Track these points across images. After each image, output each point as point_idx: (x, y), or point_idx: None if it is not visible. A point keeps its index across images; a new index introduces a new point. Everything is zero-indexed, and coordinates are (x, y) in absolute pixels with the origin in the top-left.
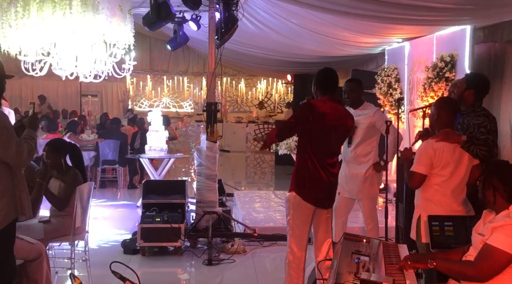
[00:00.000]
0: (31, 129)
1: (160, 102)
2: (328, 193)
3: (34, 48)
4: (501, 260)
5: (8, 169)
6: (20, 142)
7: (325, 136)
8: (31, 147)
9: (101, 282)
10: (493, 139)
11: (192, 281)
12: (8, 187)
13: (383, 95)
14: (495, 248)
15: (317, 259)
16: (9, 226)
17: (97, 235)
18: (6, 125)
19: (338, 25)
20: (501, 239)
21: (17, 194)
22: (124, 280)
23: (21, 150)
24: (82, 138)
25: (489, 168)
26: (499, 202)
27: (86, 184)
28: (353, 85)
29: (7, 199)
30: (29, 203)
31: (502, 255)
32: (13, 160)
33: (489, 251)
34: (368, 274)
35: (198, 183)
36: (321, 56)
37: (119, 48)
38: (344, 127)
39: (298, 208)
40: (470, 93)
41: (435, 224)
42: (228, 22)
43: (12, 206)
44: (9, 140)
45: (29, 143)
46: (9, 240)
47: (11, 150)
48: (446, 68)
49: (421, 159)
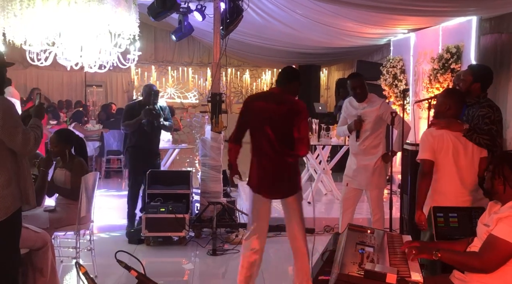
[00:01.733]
0: (37, 118)
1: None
2: (269, 181)
3: (39, 38)
4: (506, 251)
5: (13, 157)
6: (27, 130)
7: (260, 125)
8: (38, 135)
9: (106, 271)
10: (497, 129)
11: (197, 271)
12: (13, 176)
13: (388, 86)
14: (500, 239)
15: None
16: (14, 215)
17: (102, 225)
18: (12, 113)
19: (343, 16)
20: (506, 230)
21: (22, 183)
22: (129, 269)
23: (28, 138)
24: (87, 128)
25: (499, 157)
26: (508, 192)
27: (91, 174)
28: (361, 81)
29: (12, 188)
30: (33, 192)
31: (506, 246)
32: (19, 147)
33: (494, 242)
34: (373, 265)
35: (202, 173)
36: (326, 47)
37: (124, 38)
38: (279, 115)
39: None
40: (477, 86)
41: (439, 216)
42: (233, 13)
43: (17, 195)
44: (16, 128)
45: (35, 131)
46: (14, 229)
47: (18, 138)
48: (451, 59)
49: (424, 146)
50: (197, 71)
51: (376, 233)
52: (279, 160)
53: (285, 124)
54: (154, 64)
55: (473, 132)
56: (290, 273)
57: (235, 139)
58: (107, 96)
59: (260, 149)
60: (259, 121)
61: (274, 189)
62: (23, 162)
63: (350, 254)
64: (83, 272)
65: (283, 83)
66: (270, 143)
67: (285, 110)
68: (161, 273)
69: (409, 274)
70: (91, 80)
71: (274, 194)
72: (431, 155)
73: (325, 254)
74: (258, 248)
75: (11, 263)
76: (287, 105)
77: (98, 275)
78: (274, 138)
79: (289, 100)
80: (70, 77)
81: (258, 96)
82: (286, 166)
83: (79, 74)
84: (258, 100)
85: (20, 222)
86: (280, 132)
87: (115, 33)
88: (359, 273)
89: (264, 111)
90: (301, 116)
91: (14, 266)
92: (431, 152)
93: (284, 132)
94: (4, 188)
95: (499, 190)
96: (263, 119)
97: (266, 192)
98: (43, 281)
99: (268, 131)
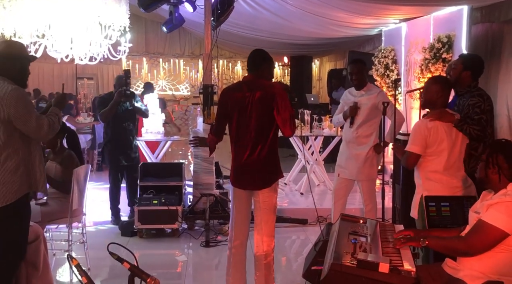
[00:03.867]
0: (56, 107)
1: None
2: (246, 174)
3: (28, 30)
4: (492, 236)
5: (25, 142)
6: (40, 116)
7: (237, 115)
8: (53, 121)
9: (98, 264)
10: (486, 119)
11: (190, 262)
12: (22, 161)
13: (380, 76)
14: (487, 224)
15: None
16: (20, 200)
17: (95, 218)
18: (26, 101)
19: (334, 6)
20: (495, 216)
21: (32, 169)
22: (122, 261)
23: (41, 123)
24: (79, 121)
25: (493, 147)
26: (502, 180)
27: (82, 167)
28: (360, 67)
29: (20, 173)
30: (44, 178)
31: (494, 230)
32: (33, 132)
33: (481, 226)
34: (365, 255)
35: (195, 165)
36: (317, 37)
37: (114, 30)
38: (254, 103)
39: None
40: (467, 74)
41: (431, 205)
42: (224, 3)
43: (25, 180)
44: (29, 113)
45: (50, 118)
46: (21, 215)
47: (31, 123)
48: (443, 49)
49: (416, 139)
50: (188, 63)
51: (368, 223)
52: (257, 150)
53: (264, 110)
54: (145, 56)
55: (464, 123)
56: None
57: (215, 133)
58: (98, 88)
59: (238, 140)
60: (236, 112)
61: (251, 180)
62: (36, 149)
63: (343, 244)
64: (75, 265)
65: (253, 69)
66: (248, 133)
67: (259, 96)
68: (154, 265)
69: (402, 263)
70: (82, 72)
71: (250, 186)
72: (420, 150)
73: (318, 244)
74: (239, 242)
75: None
76: (261, 91)
77: (91, 268)
78: (252, 128)
79: (262, 85)
80: (61, 69)
81: (233, 87)
82: (265, 156)
83: (70, 67)
84: (233, 91)
85: (29, 209)
86: (259, 120)
87: (105, 25)
88: (352, 263)
89: (239, 101)
90: (276, 98)
91: (20, 258)
92: (422, 147)
93: (264, 119)
94: (12, 173)
95: (494, 179)
96: (239, 110)
97: (244, 183)
98: (36, 275)
99: (245, 121)
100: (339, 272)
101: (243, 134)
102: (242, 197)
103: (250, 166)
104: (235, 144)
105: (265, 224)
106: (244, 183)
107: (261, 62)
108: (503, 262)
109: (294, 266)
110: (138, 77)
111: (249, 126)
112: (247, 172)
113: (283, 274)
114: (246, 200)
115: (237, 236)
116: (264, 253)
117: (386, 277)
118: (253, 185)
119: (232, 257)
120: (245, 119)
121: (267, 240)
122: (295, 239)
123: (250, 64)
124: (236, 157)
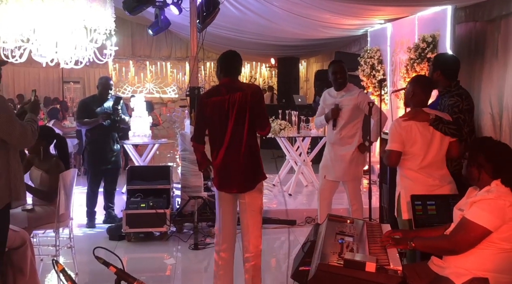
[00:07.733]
0: (32, 114)
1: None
2: (229, 177)
3: (13, 35)
4: (475, 233)
5: (4, 153)
6: (23, 123)
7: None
8: (34, 128)
9: (86, 268)
10: (464, 118)
11: (179, 265)
12: (3, 172)
13: (366, 76)
14: (470, 221)
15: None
16: (2, 211)
17: (82, 222)
18: (6, 107)
19: (320, 7)
20: (477, 213)
21: (12, 179)
22: (108, 265)
23: (25, 131)
24: (65, 125)
25: (474, 144)
26: (483, 178)
27: (69, 171)
28: (342, 67)
29: (2, 183)
30: (24, 187)
31: (477, 228)
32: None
33: (465, 224)
34: (352, 254)
35: (182, 168)
36: (304, 39)
37: (100, 34)
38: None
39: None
40: (437, 74)
41: (417, 204)
42: (210, 6)
43: (6, 190)
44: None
45: (31, 125)
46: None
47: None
48: (428, 48)
49: (393, 137)
50: (175, 66)
51: (355, 223)
52: (236, 150)
53: (241, 110)
54: (132, 59)
55: (439, 122)
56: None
57: (196, 138)
58: (85, 92)
59: (220, 144)
60: (215, 116)
61: (235, 183)
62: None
63: (330, 244)
64: (61, 270)
65: (232, 72)
66: (226, 134)
67: (238, 97)
68: (143, 269)
69: (389, 262)
70: (68, 76)
71: (235, 189)
72: (400, 146)
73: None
74: (227, 245)
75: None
76: (240, 92)
77: (79, 273)
78: (230, 128)
79: (240, 86)
80: (47, 73)
81: (211, 92)
82: (245, 156)
83: (55, 71)
84: (211, 96)
85: (8, 219)
86: (237, 121)
87: (90, 28)
88: (339, 263)
89: (219, 104)
90: (253, 98)
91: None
92: (400, 144)
93: (242, 120)
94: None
95: (476, 177)
96: (219, 113)
97: (229, 187)
98: (23, 280)
99: (224, 122)
100: (326, 272)
101: (221, 135)
102: (227, 200)
103: (232, 167)
104: (214, 146)
105: (252, 226)
106: (229, 186)
107: (238, 64)
108: (488, 259)
109: (283, 267)
110: (124, 81)
111: (228, 127)
112: (229, 175)
113: (273, 275)
114: (231, 203)
115: (225, 240)
116: (252, 255)
117: (373, 276)
118: (237, 188)
119: (220, 261)
120: (224, 120)
121: (254, 242)
122: (284, 240)
123: (228, 67)
124: (215, 159)
